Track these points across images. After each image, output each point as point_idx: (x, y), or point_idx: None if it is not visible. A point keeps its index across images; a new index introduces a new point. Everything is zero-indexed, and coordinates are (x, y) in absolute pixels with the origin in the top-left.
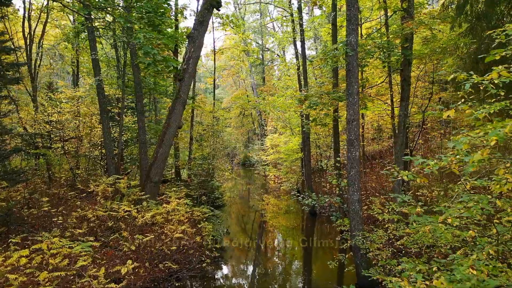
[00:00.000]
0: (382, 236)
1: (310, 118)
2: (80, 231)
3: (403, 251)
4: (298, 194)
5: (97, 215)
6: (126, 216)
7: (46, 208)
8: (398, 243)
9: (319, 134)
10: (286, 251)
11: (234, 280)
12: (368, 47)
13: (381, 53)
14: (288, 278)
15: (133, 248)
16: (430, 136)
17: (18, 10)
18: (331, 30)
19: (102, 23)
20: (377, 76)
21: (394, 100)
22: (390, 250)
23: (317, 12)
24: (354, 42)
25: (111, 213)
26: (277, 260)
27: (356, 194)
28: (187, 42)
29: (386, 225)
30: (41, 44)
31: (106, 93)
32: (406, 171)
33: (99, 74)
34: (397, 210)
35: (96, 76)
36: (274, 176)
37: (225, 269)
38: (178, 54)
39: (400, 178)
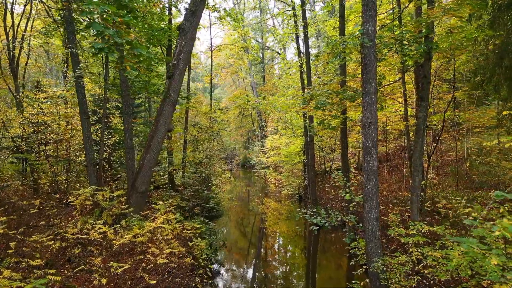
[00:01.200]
0: (405, 262)
1: (316, 120)
2: (37, 262)
3: (431, 281)
4: (305, 211)
5: (65, 237)
6: (100, 239)
7: (1, 231)
8: (426, 271)
9: (322, 136)
10: (289, 266)
11: None
12: (385, 39)
13: (401, 46)
14: None
15: (103, 282)
16: (441, 138)
17: (3, 3)
18: (336, 24)
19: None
20: (386, 74)
21: (407, 99)
22: (415, 279)
23: (319, 8)
24: (372, 31)
25: (81, 236)
26: (278, 277)
27: (374, 211)
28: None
29: (411, 250)
30: (26, 39)
31: (93, 93)
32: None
33: (78, 70)
34: (422, 230)
35: (80, 74)
36: (275, 179)
37: None
38: (172, 51)
39: (419, 189)
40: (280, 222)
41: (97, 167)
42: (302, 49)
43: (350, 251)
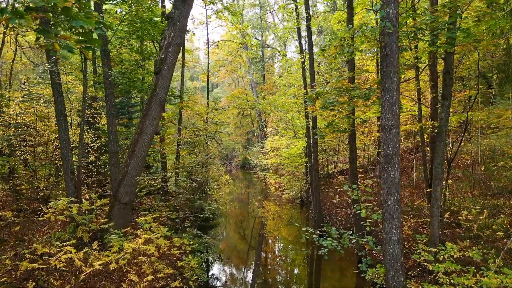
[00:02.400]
0: None
1: (323, 122)
2: None
3: None
4: (312, 231)
5: (32, 258)
6: (63, 268)
7: None
8: None
9: (324, 137)
10: (291, 279)
11: None
12: (405, 27)
13: (426, 35)
14: None
15: None
16: (453, 140)
17: None
18: (342, 16)
19: None
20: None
21: (420, 98)
22: None
23: (320, 7)
24: (394, 15)
25: (38, 265)
26: None
27: (395, 232)
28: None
29: (441, 280)
30: (9, 34)
31: (78, 91)
32: None
33: (55, 65)
34: (455, 255)
35: (53, 68)
36: (275, 181)
37: None
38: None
39: (440, 200)
40: (281, 228)
41: (76, 174)
42: (304, 45)
43: (366, 279)
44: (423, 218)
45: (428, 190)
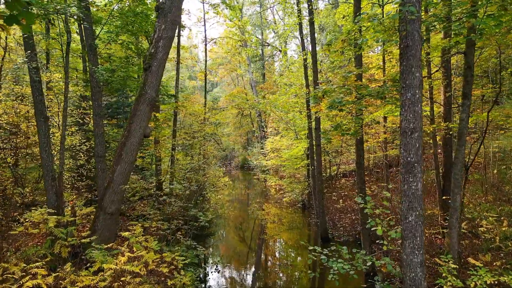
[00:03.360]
0: None
1: (329, 123)
2: None
3: None
4: (320, 251)
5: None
6: None
7: None
8: None
9: (331, 140)
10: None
11: None
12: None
13: (450, 23)
14: None
15: None
16: (471, 143)
17: None
18: (348, 10)
19: None
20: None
21: (433, 97)
22: None
23: (321, 5)
24: (416, 0)
25: None
26: None
27: (417, 253)
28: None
29: None
30: None
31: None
32: None
33: (34, 60)
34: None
35: (30, 63)
36: (276, 184)
37: None
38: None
39: (459, 210)
40: (282, 232)
41: (57, 180)
42: (306, 43)
43: None
44: (436, 228)
45: (444, 197)
